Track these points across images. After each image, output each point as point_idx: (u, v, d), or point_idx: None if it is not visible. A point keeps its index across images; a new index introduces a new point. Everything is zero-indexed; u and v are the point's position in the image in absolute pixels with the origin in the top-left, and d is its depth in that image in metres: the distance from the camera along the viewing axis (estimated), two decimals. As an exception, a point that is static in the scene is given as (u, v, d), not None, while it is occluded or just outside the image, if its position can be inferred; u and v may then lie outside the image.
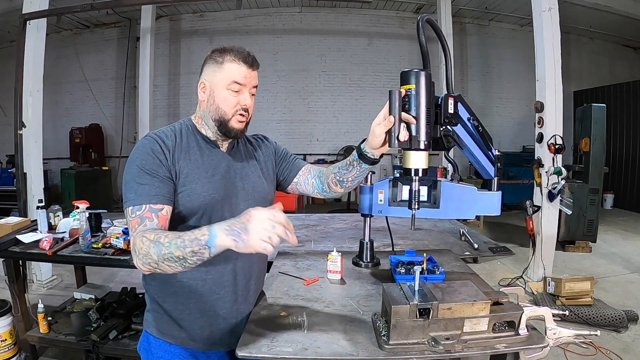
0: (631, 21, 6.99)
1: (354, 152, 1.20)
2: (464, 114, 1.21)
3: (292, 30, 8.07)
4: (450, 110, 1.11)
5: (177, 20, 8.17)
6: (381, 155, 1.18)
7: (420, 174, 1.10)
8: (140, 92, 6.78)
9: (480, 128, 1.23)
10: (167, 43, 8.14)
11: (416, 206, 1.15)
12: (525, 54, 6.85)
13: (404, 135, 1.05)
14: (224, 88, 1.10)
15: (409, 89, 1.05)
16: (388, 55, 7.16)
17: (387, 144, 1.09)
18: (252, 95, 1.16)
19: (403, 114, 1.04)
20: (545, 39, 3.65)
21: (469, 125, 1.23)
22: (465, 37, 8.26)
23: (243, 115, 1.13)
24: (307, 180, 1.33)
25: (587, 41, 8.55)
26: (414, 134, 1.06)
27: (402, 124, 1.05)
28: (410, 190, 1.16)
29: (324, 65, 8.17)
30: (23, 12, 3.65)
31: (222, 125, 1.13)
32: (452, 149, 1.24)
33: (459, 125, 1.18)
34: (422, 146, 1.06)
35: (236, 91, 1.11)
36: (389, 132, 1.07)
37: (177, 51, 8.19)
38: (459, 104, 1.17)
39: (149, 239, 0.94)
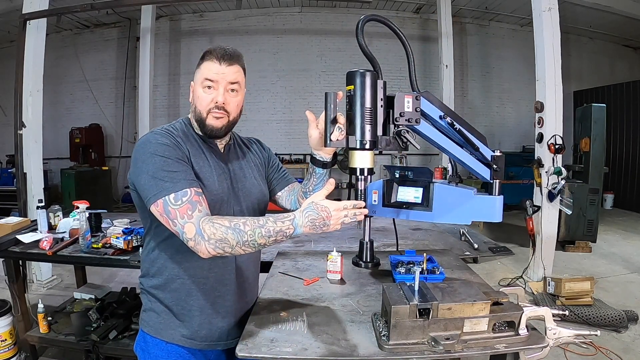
0: (631, 21, 6.99)
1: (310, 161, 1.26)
2: (433, 111, 1.15)
3: (292, 30, 8.06)
4: (408, 108, 1.10)
5: (177, 20, 8.17)
6: (334, 158, 1.25)
7: (365, 173, 1.13)
8: (140, 92, 6.78)
9: (456, 126, 1.15)
10: (167, 43, 8.14)
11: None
12: (525, 54, 6.85)
13: (336, 135, 1.09)
14: (200, 86, 1.11)
15: (350, 89, 1.09)
16: (388, 55, 7.14)
17: (325, 143, 1.13)
18: (232, 91, 1.13)
19: (338, 115, 1.09)
20: (545, 39, 3.65)
21: (443, 123, 1.16)
22: (465, 37, 8.26)
23: (218, 113, 1.11)
24: (288, 197, 1.36)
25: (587, 41, 8.55)
26: (358, 134, 1.08)
27: (337, 125, 1.09)
28: (356, 190, 1.17)
29: (324, 65, 8.17)
30: (23, 12, 3.65)
31: (202, 125, 1.14)
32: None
33: (424, 124, 1.15)
34: (363, 146, 1.09)
35: (209, 87, 1.10)
36: (324, 133, 1.11)
37: (177, 51, 8.18)
38: (426, 101, 1.13)
39: (225, 225, 0.97)
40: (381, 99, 1.10)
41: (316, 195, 1.03)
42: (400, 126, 1.11)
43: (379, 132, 1.12)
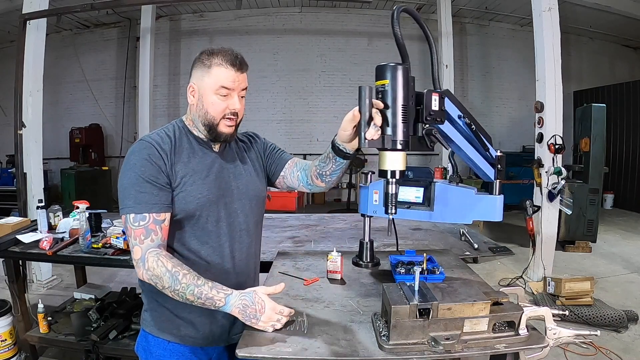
0: (631, 21, 6.99)
1: (330, 145, 1.18)
2: (453, 111, 1.13)
3: (292, 30, 8.07)
4: (435, 107, 1.04)
5: (177, 20, 8.17)
6: (357, 152, 1.18)
7: (397, 176, 1.03)
8: (140, 92, 6.78)
9: (473, 126, 1.14)
10: (167, 43, 8.14)
11: (392, 210, 1.07)
12: (525, 54, 6.85)
13: (371, 134, 0.98)
14: (212, 93, 1.09)
15: (383, 84, 0.99)
16: (388, 55, 7.15)
17: (358, 142, 1.06)
18: (242, 97, 1.14)
19: (373, 112, 0.98)
20: (545, 39, 3.65)
21: (460, 123, 1.15)
22: (465, 37, 8.26)
23: (231, 119, 1.12)
24: (293, 174, 1.30)
25: (587, 41, 8.55)
26: (389, 132, 0.99)
27: (373, 122, 0.99)
28: (386, 194, 1.07)
29: (324, 65, 8.17)
30: (23, 12, 3.65)
31: (211, 130, 1.13)
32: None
33: (446, 123, 1.10)
34: (397, 146, 0.99)
35: (224, 95, 1.09)
36: (358, 131, 1.03)
37: (177, 51, 8.19)
38: (447, 100, 1.09)
39: (166, 268, 1.02)
40: (412, 96, 1.02)
41: (261, 288, 1.09)
42: (428, 125, 1.06)
43: (411, 131, 1.04)
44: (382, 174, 1.04)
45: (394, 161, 1.02)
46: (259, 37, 8.01)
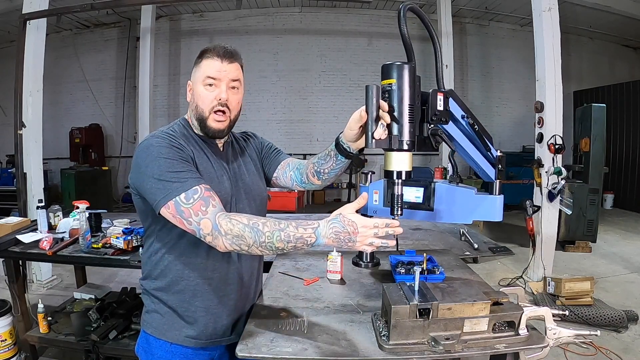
0: (631, 21, 6.99)
1: (333, 142, 1.17)
2: (456, 111, 1.12)
3: (292, 30, 8.07)
4: (440, 107, 1.04)
5: (177, 20, 8.18)
6: (360, 152, 1.16)
7: (403, 177, 1.02)
8: (140, 92, 6.79)
9: (476, 127, 1.14)
10: (167, 43, 8.15)
11: (399, 212, 1.05)
12: (525, 54, 6.86)
13: (379, 133, 0.97)
14: (201, 84, 1.10)
15: (390, 83, 0.99)
16: (388, 55, 7.17)
17: (364, 142, 1.03)
18: (233, 89, 1.12)
19: (381, 113, 0.97)
20: (545, 39, 3.65)
21: (463, 123, 1.14)
22: (465, 37, 8.27)
23: (220, 114, 1.11)
24: (286, 174, 1.30)
25: (587, 41, 8.56)
26: (395, 132, 0.98)
27: (380, 122, 0.97)
28: (392, 195, 1.06)
29: (324, 65, 8.17)
30: (23, 12, 3.65)
31: (202, 125, 1.13)
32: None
33: (450, 123, 1.10)
34: (403, 146, 0.98)
35: (211, 85, 1.09)
36: (365, 130, 1.01)
37: (177, 51, 8.19)
38: (451, 100, 1.09)
39: (243, 223, 0.95)
40: (418, 96, 1.01)
41: (346, 208, 0.99)
42: (433, 125, 1.05)
43: (417, 131, 1.03)
44: (388, 174, 1.03)
45: (401, 161, 1.01)
46: (259, 37, 8.01)
